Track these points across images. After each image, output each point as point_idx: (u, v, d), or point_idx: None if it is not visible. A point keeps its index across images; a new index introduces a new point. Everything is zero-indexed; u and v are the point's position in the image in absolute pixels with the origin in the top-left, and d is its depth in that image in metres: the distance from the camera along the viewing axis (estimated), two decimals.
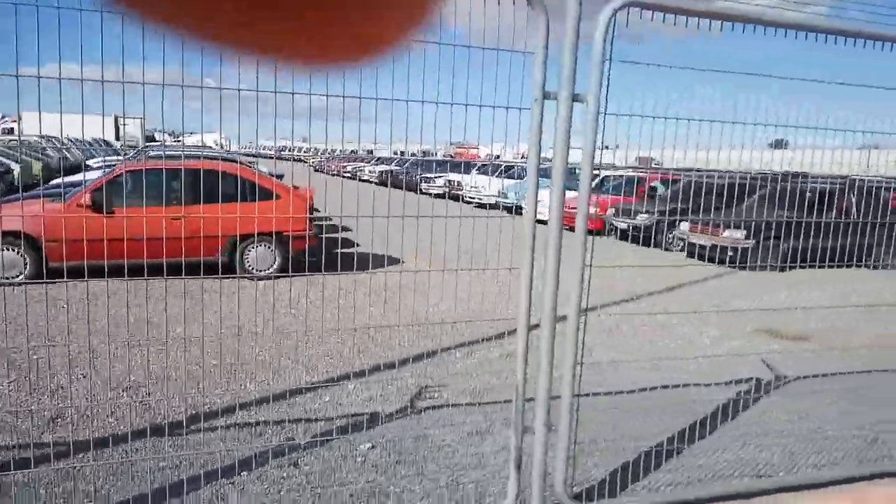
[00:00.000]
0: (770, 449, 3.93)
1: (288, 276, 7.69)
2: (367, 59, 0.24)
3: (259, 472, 3.30)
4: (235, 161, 11.20)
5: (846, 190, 11.66)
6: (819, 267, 5.27)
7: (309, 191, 8.80)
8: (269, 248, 8.23)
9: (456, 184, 23.42)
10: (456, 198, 20.71)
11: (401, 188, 23.53)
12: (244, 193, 7.96)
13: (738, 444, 3.99)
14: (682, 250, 12.32)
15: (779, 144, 4.78)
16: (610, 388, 4.91)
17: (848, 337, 6.95)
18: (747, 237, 10.87)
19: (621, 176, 17.65)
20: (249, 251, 8.24)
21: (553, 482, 2.93)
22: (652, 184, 16.43)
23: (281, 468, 3.34)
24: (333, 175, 27.97)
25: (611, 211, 14.47)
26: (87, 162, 16.05)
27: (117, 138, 28.12)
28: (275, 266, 8.26)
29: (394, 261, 7.20)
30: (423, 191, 23.62)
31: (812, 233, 5.26)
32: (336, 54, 0.24)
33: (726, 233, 11.05)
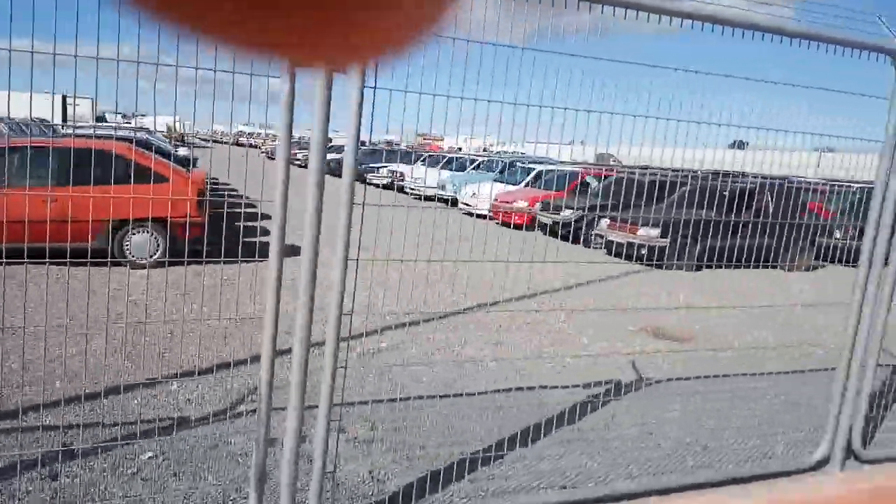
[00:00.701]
0: (594, 457, 3.75)
1: (165, 266, 7.32)
2: (377, 60, 0.24)
3: (2, 486, 2.96)
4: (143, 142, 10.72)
5: (763, 190, 11.68)
6: (735, 267, 5.14)
7: (201, 173, 8.40)
8: (152, 234, 7.81)
9: (399, 174, 23.04)
10: (401, 189, 20.36)
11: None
12: (126, 175, 7.52)
13: (563, 450, 3.80)
14: (601, 247, 12.23)
15: (739, 145, 4.80)
16: (461, 388, 4.69)
17: (731, 338, 6.87)
18: (662, 235, 10.80)
19: (554, 171, 17.59)
20: (130, 237, 7.81)
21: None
22: (586, 179, 16.37)
23: (33, 481, 3.02)
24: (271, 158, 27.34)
25: (538, 206, 14.31)
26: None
27: (65, 119, 27.26)
28: (157, 254, 7.84)
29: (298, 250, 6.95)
30: (369, 181, 23.24)
31: (725, 233, 5.13)
32: (347, 55, 0.24)
33: (641, 231, 10.98)
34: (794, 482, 3.51)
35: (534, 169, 18.10)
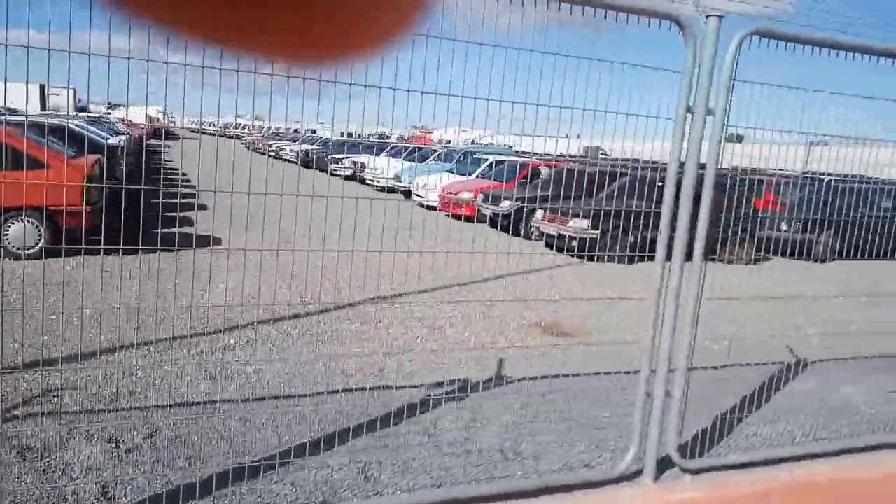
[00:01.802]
0: (380, 466, 3.42)
1: (43, 257, 6.97)
2: (362, 56, 0.25)
3: None
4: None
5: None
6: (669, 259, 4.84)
7: (88, 161, 8.04)
8: (30, 223, 7.45)
9: (360, 165, 22.74)
10: (362, 180, 20.07)
11: (319, 169, 22.72)
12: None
13: (348, 460, 3.47)
14: (538, 239, 11.89)
15: (737, 139, 4.83)
16: (302, 389, 4.39)
17: (630, 334, 6.54)
18: (593, 227, 10.45)
19: (505, 162, 17.22)
20: (9, 226, 7.45)
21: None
22: (538, 169, 16.02)
23: None
24: (261, 153, 27.30)
25: (480, 196, 13.94)
26: None
27: (43, 108, 27.04)
28: (40, 244, 7.49)
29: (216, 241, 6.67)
30: (334, 172, 22.88)
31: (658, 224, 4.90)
32: (335, 51, 0.24)
33: (572, 222, 10.64)
34: (593, 494, 3.19)
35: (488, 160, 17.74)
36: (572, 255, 10.32)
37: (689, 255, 3.26)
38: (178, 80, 2.65)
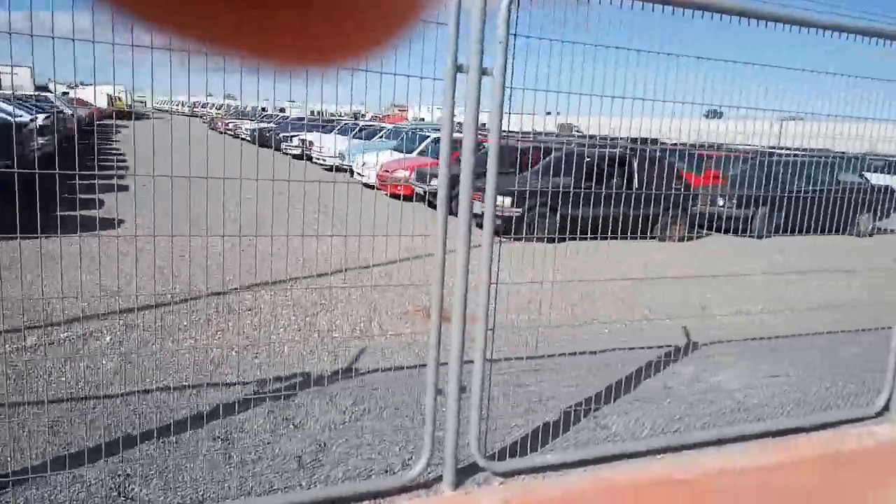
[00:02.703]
0: (143, 482, 3.04)
1: None
2: (354, 58, 0.24)
3: None
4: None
5: (630, 158, 11.02)
6: (602, 239, 4.52)
7: None
8: None
9: (308, 143, 22.19)
10: (310, 158, 19.57)
11: (270, 147, 22.14)
12: None
13: (113, 469, 3.09)
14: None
15: (715, 114, 4.76)
16: (126, 387, 3.98)
17: (522, 314, 6.21)
18: (514, 205, 10.09)
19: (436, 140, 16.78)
20: None
21: None
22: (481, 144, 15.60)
23: None
24: (220, 132, 26.84)
25: (414, 174, 13.50)
26: None
27: None
28: None
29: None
30: (285, 150, 22.28)
31: (586, 202, 4.65)
32: (325, 55, 0.24)
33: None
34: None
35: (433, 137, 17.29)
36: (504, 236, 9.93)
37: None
38: (147, 60, 2.64)
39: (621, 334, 5.86)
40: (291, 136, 23.54)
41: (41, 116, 14.18)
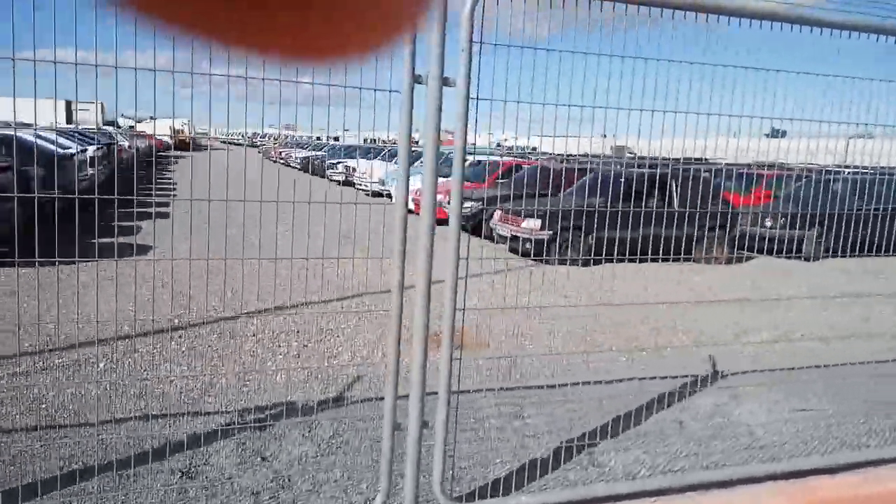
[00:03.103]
0: None
1: None
2: (361, 55, 0.25)
3: None
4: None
5: (668, 177, 10.58)
6: (642, 261, 4.36)
7: None
8: None
9: (351, 170, 22.42)
10: (353, 184, 19.76)
11: (318, 174, 22.45)
12: None
13: None
14: (501, 242, 11.27)
15: (779, 134, 4.59)
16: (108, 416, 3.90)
17: (539, 342, 5.91)
18: (543, 227, 9.78)
19: (483, 162, 16.59)
20: None
21: None
22: (519, 167, 15.42)
23: None
24: (273, 161, 27.68)
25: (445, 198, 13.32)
26: None
27: (69, 123, 27.79)
28: None
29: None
30: (329, 177, 22.59)
31: (622, 223, 4.51)
32: (333, 50, 0.24)
33: (524, 223, 9.98)
34: None
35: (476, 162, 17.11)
36: (535, 259, 9.67)
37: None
38: (206, 92, 2.70)
39: (641, 362, 5.48)
40: (337, 163, 23.82)
41: (91, 148, 14.68)
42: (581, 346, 5.86)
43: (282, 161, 28.54)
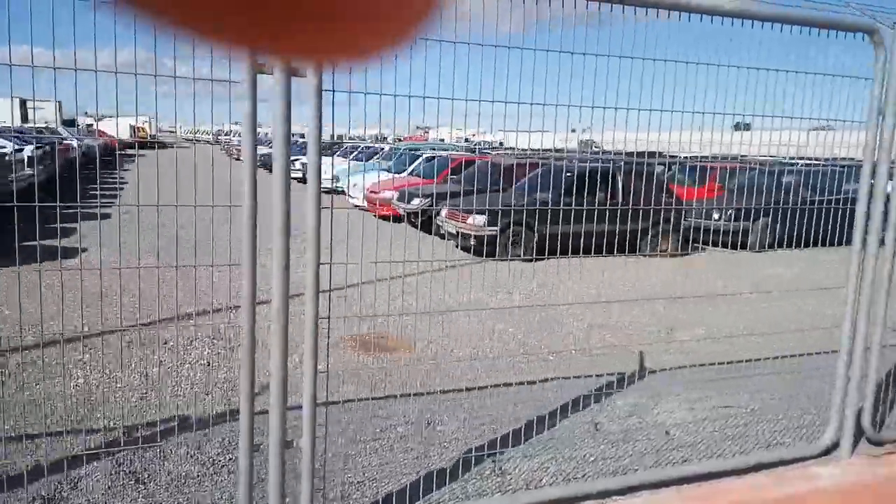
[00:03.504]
0: None
1: None
2: (368, 57, 0.24)
3: None
4: None
5: (615, 172, 10.49)
6: (595, 255, 4.26)
7: None
8: None
9: (305, 166, 21.95)
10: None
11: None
12: None
13: None
14: (451, 238, 11.05)
15: (744, 127, 4.68)
16: None
17: (463, 344, 5.71)
18: (490, 223, 9.58)
19: (435, 158, 16.44)
20: None
21: None
22: (471, 162, 15.22)
23: None
24: (236, 159, 27.27)
25: (396, 195, 13.08)
26: None
27: (24, 121, 27.04)
28: None
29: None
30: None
31: (565, 219, 4.25)
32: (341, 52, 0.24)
33: (470, 219, 9.78)
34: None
35: (429, 158, 16.89)
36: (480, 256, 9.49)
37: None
38: (170, 91, 2.67)
39: (570, 362, 5.32)
40: (294, 160, 23.34)
41: (29, 148, 14.11)
42: (511, 345, 5.69)
43: (238, 158, 28.17)
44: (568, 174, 10.16)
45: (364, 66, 0.25)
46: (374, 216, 12.32)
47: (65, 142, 18.26)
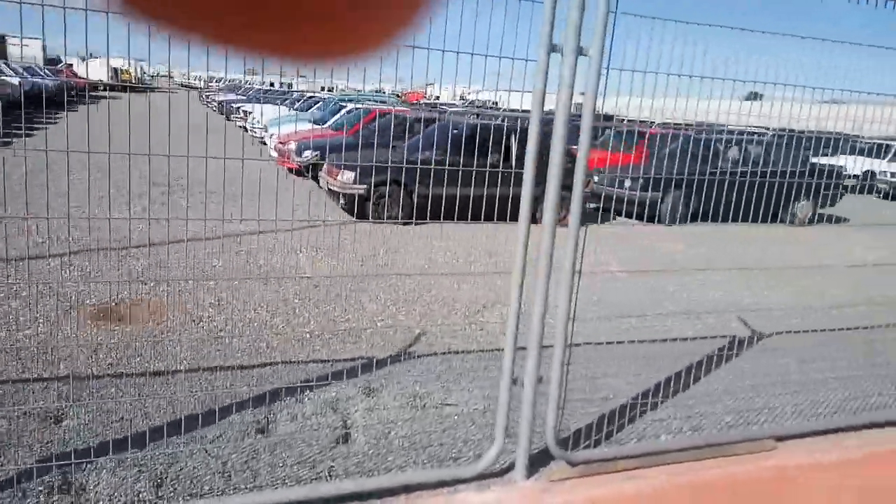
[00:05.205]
0: None
1: None
2: (361, 55, 0.24)
3: None
4: None
5: (509, 131, 9.74)
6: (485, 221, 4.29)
7: None
8: None
9: (244, 114, 21.23)
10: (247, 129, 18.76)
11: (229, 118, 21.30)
12: None
13: None
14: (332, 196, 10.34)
15: (755, 97, 4.48)
16: None
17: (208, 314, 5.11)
18: (357, 181, 8.88)
19: (353, 111, 15.60)
20: None
21: None
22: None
23: None
24: (205, 105, 27.18)
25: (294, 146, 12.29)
26: None
27: (3, 57, 26.13)
28: None
29: None
30: (234, 120, 21.43)
31: (450, 180, 4.29)
32: (332, 50, 0.23)
33: (339, 175, 9.06)
34: None
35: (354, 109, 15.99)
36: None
37: None
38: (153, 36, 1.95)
39: (325, 342, 4.74)
40: (238, 108, 22.57)
41: None
42: (281, 319, 5.09)
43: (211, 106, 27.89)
44: (454, 131, 9.43)
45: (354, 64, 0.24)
46: (285, 169, 11.61)
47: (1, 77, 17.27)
